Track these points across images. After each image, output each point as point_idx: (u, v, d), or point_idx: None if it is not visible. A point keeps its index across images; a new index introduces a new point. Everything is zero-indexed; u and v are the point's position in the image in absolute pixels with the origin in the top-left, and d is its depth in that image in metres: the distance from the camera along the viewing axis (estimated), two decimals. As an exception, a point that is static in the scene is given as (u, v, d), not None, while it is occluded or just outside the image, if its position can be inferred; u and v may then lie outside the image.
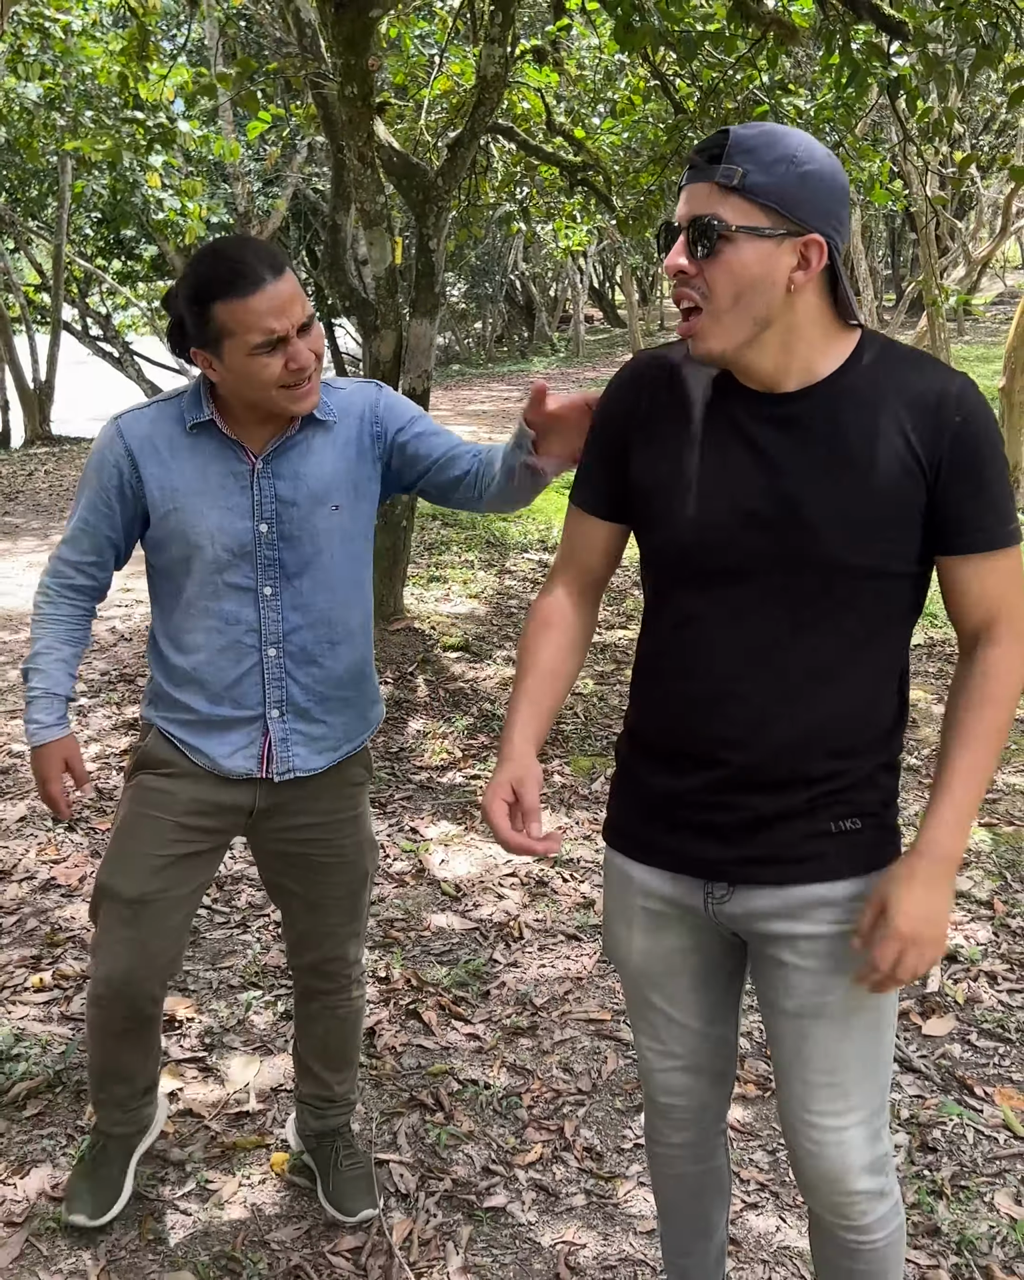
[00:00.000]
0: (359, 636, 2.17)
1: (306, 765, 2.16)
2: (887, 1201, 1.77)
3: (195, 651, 2.09)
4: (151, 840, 2.14)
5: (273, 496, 2.05)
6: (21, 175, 18.90)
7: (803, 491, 1.57)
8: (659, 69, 6.40)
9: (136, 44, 7.00)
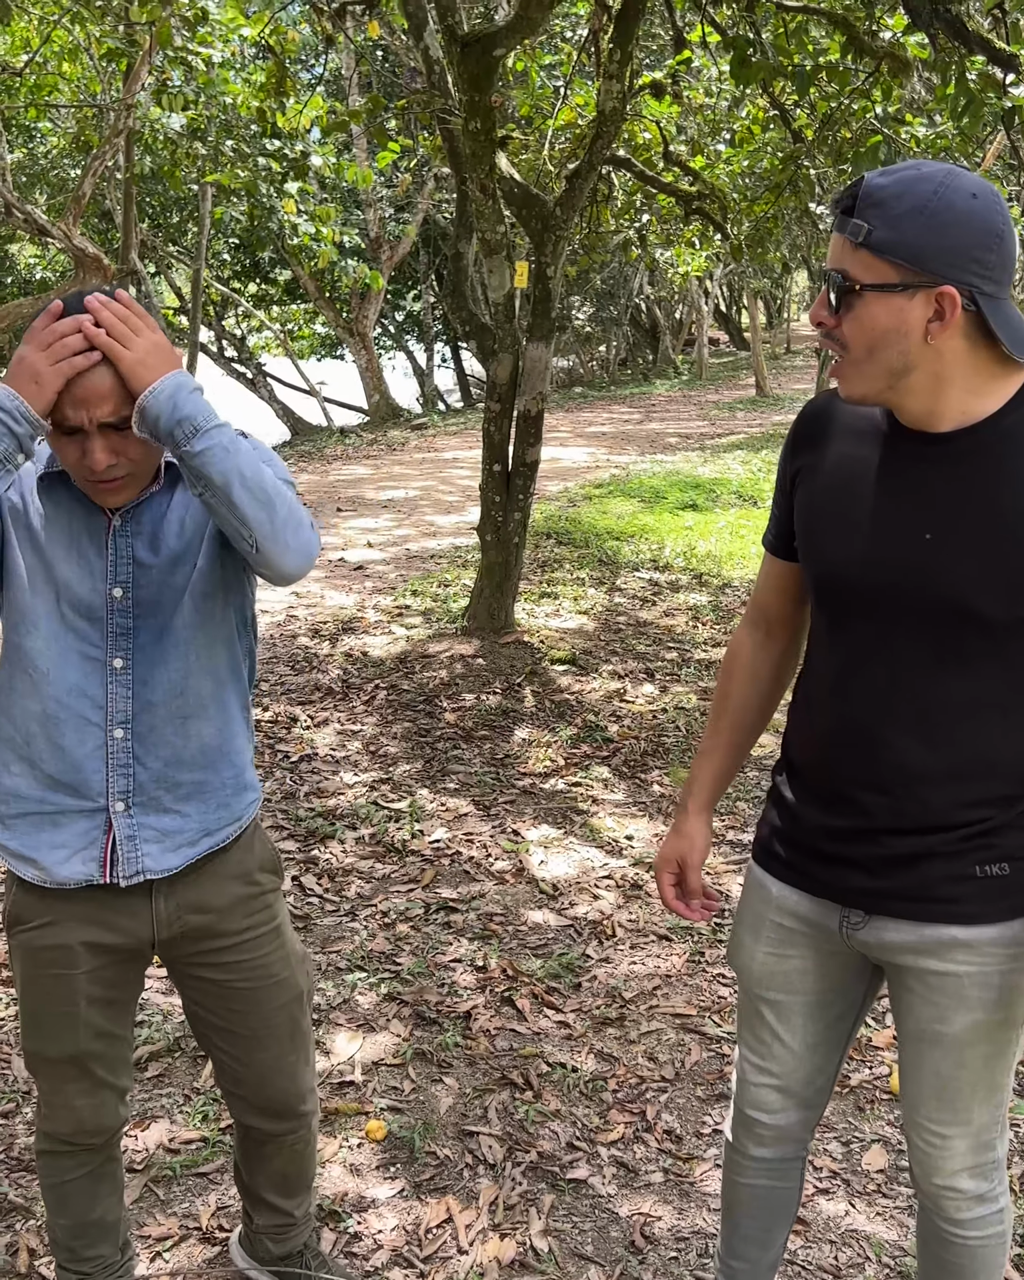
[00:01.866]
0: (213, 709, 1.87)
1: (159, 865, 1.86)
2: (987, 1205, 1.83)
3: (27, 722, 1.81)
4: (64, 998, 1.91)
5: (130, 559, 1.80)
6: (163, 202, 19.67)
7: (946, 534, 1.57)
8: (777, 99, 6.55)
9: (275, 80, 7.34)
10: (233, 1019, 2.01)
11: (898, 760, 1.64)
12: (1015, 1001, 1.69)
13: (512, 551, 6.19)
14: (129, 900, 1.89)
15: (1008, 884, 1.66)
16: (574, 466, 13.39)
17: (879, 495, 1.63)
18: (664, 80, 6.28)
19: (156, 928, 1.91)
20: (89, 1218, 2.09)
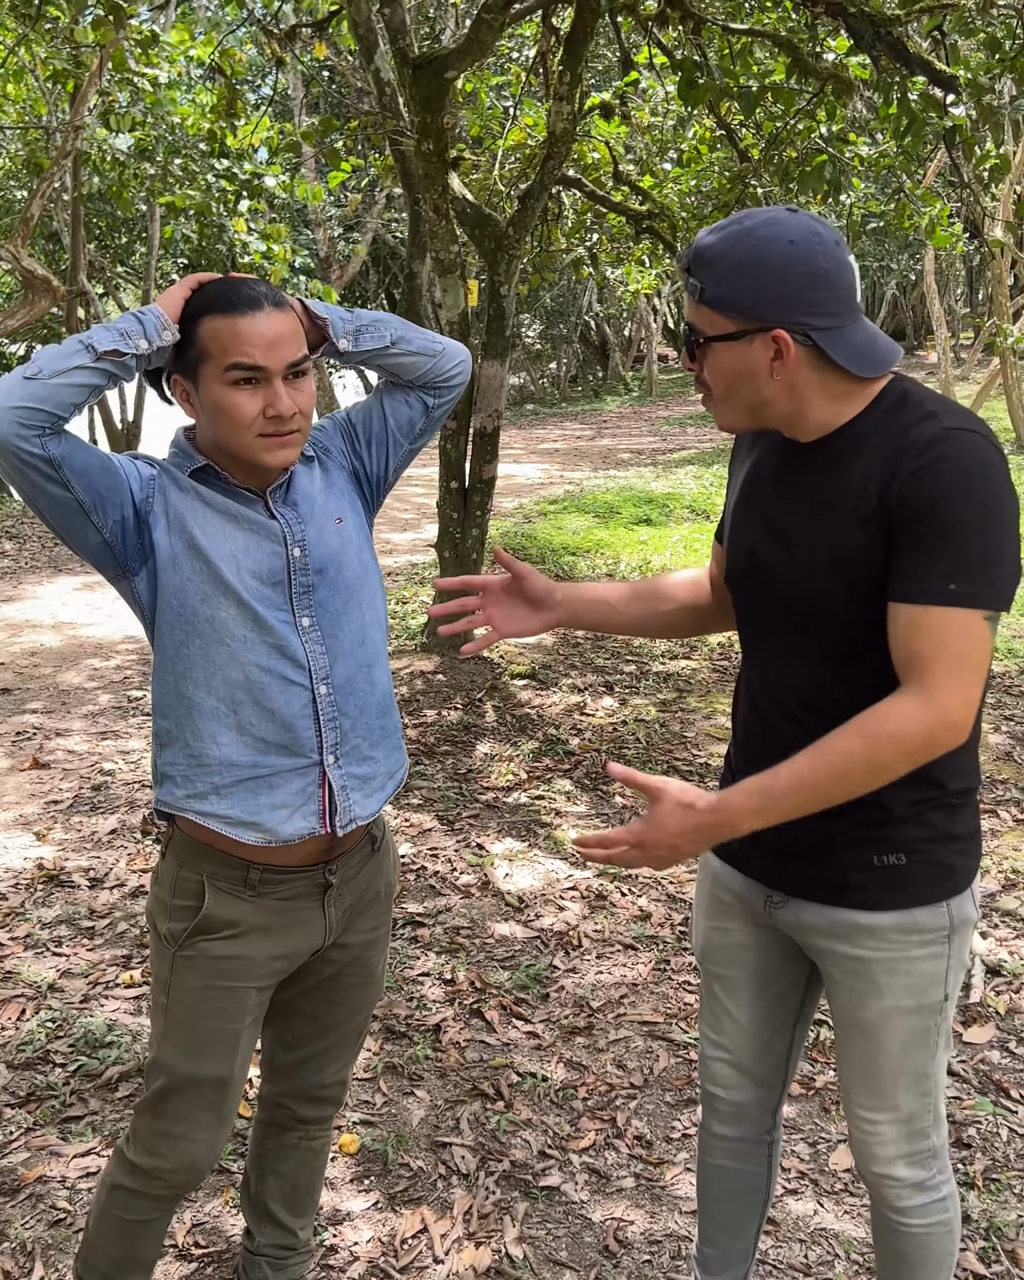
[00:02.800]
0: (383, 655, 1.99)
1: (365, 811, 1.93)
2: (928, 1194, 1.89)
3: (231, 691, 1.82)
4: (233, 1013, 1.91)
5: (299, 521, 1.87)
6: (111, 223, 19.62)
7: (795, 529, 1.72)
8: (724, 120, 6.65)
9: (225, 101, 7.37)
10: (323, 1009, 2.07)
11: (790, 749, 1.65)
12: (926, 990, 1.77)
13: (469, 568, 6.23)
14: (307, 909, 1.93)
15: (905, 874, 1.74)
16: (528, 483, 13.46)
17: (768, 499, 1.79)
18: (612, 101, 6.37)
19: (327, 933, 1.97)
20: (140, 1253, 2.09)
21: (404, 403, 1.99)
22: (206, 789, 1.84)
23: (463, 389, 2.04)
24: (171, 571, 1.80)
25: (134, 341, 1.71)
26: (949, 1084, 3.04)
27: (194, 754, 1.84)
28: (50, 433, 1.66)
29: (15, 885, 4.06)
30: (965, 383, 20.26)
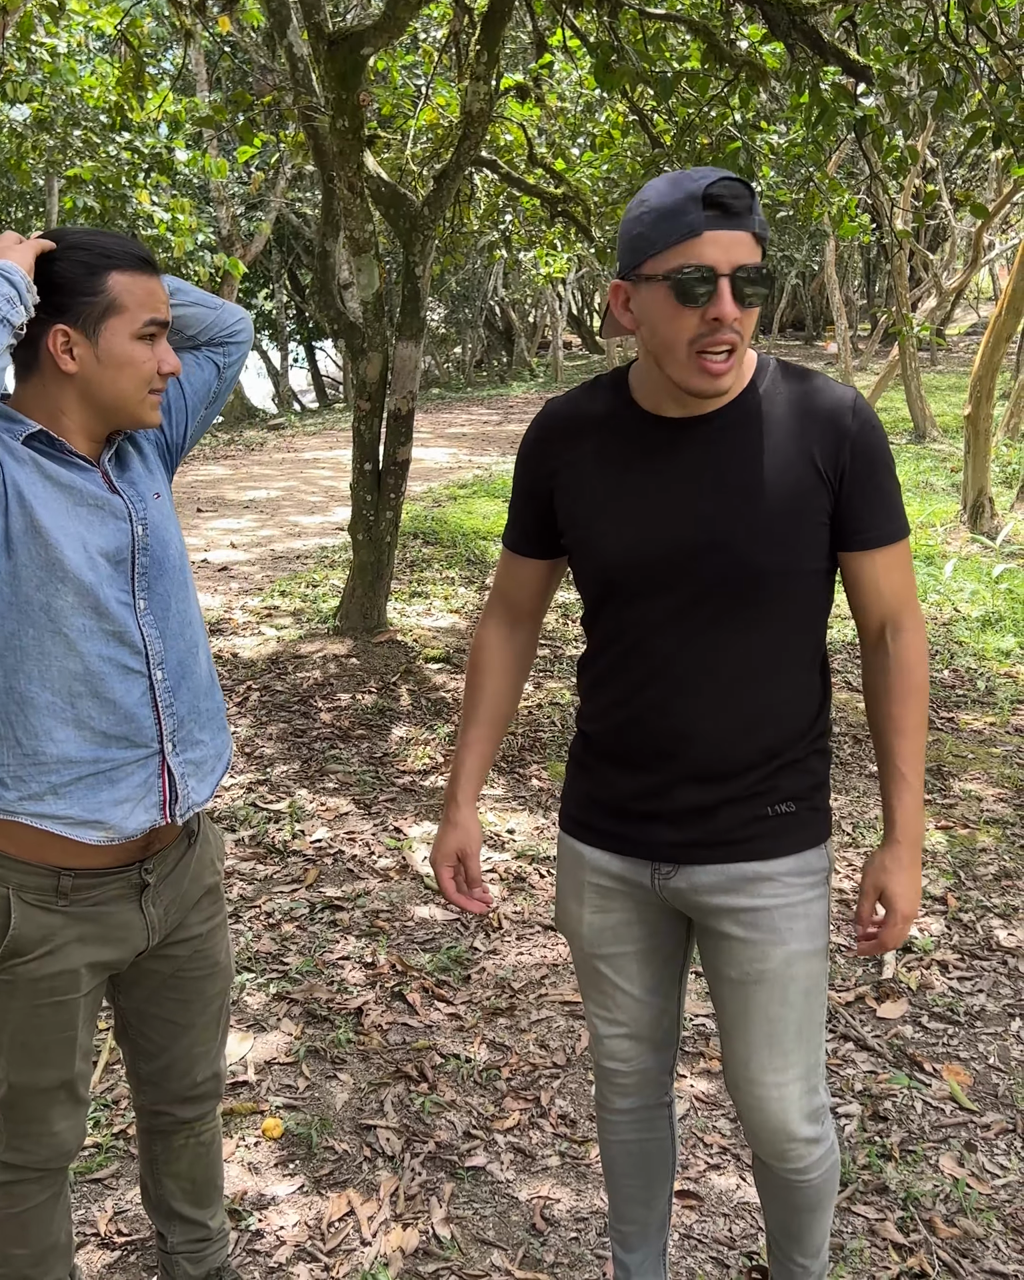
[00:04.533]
0: (202, 634, 1.93)
1: (200, 797, 1.88)
2: (822, 1146, 1.97)
3: (68, 683, 1.73)
4: (65, 1024, 1.85)
5: (137, 495, 1.83)
6: (7, 196, 19.12)
7: (718, 506, 1.72)
8: (637, 105, 6.67)
9: (132, 74, 7.22)
10: (173, 1008, 2.01)
11: (696, 718, 1.78)
12: (819, 932, 1.86)
13: (383, 551, 6.19)
14: (124, 912, 1.86)
15: (796, 820, 1.84)
16: (437, 467, 13.41)
17: (650, 480, 1.76)
18: (527, 83, 6.35)
19: (149, 934, 1.90)
20: (48, 1242, 2.02)
21: (197, 365, 2.00)
22: (42, 789, 1.74)
23: (248, 349, 2.06)
24: (3, 556, 1.68)
25: (19, 309, 1.65)
26: (865, 1058, 3.10)
27: (27, 753, 1.73)
28: None
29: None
30: (864, 373, 20.60)
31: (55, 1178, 1.99)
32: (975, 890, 3.95)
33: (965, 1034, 3.21)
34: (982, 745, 5.17)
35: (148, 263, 1.75)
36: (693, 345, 1.63)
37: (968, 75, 5.34)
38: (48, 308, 1.71)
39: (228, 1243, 2.27)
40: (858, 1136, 2.80)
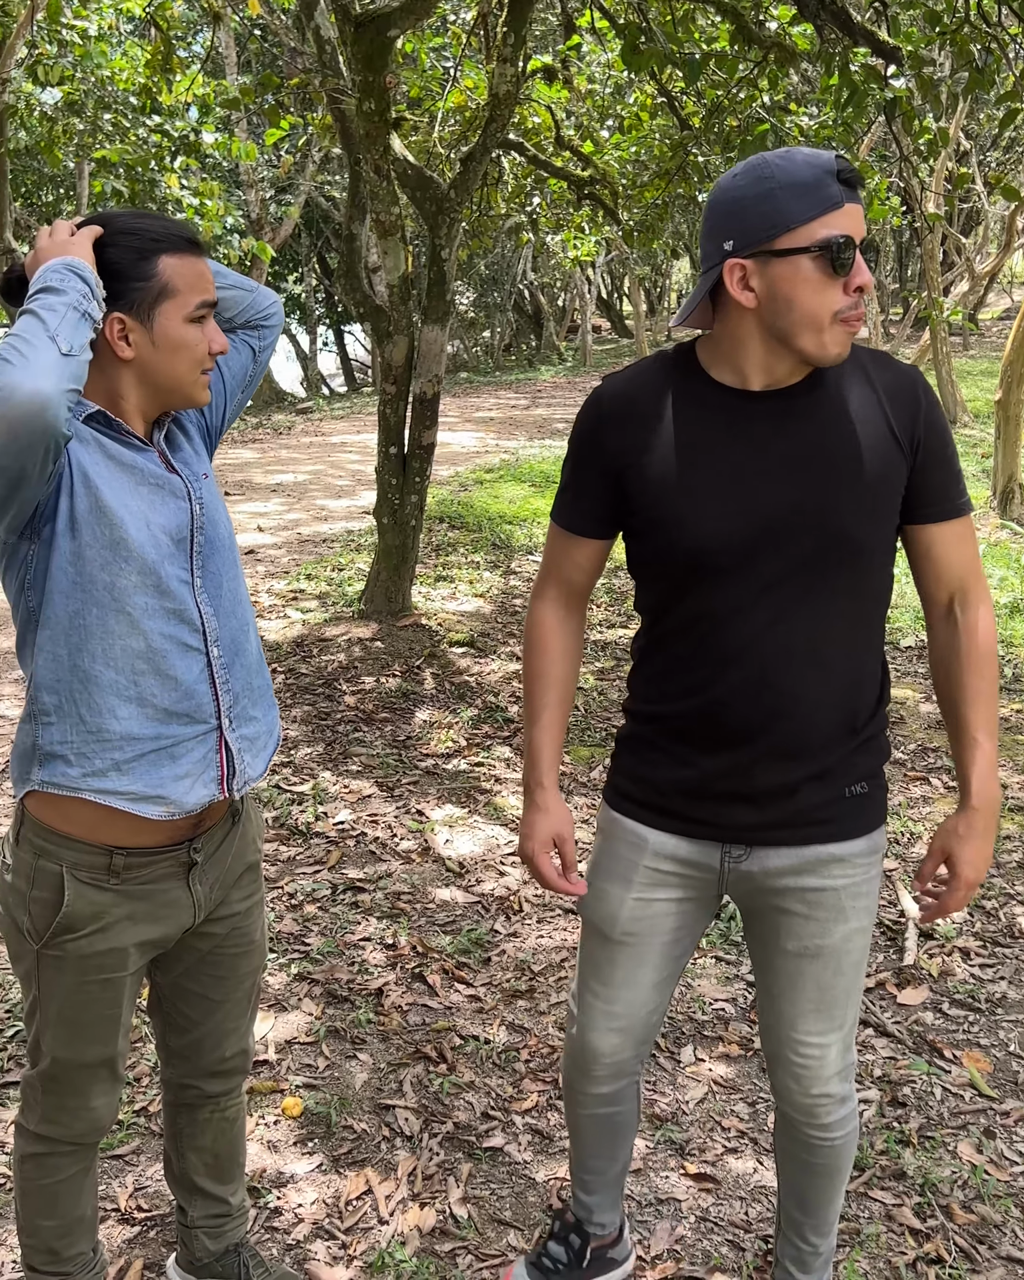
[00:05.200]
0: (251, 612, 1.95)
1: (254, 772, 1.92)
2: (847, 1105, 2.02)
3: (131, 661, 1.76)
4: (111, 1002, 1.89)
5: (192, 475, 1.86)
6: (37, 180, 19.17)
7: (813, 477, 1.72)
8: (666, 87, 6.62)
9: (161, 56, 7.22)
10: (209, 984, 2.04)
11: (779, 700, 1.78)
12: (874, 906, 1.92)
13: (408, 535, 6.20)
14: (172, 890, 1.89)
15: (869, 801, 1.87)
16: (463, 451, 13.40)
17: (737, 454, 1.75)
18: (555, 65, 6.32)
19: (196, 912, 1.93)
20: (75, 1214, 2.06)
21: (234, 349, 2.01)
22: (106, 766, 1.76)
23: (279, 332, 2.07)
24: (69, 536, 1.70)
25: (94, 304, 1.66)
26: (885, 1044, 3.10)
27: (91, 730, 1.75)
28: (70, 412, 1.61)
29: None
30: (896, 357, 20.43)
31: (87, 1152, 2.03)
32: (998, 878, 3.93)
33: (986, 1021, 3.20)
34: (1008, 732, 5.14)
35: (195, 244, 1.77)
36: (836, 316, 1.67)
37: (1000, 56, 5.29)
38: (120, 289, 1.73)
39: (247, 1219, 2.29)
40: (876, 1122, 2.80)
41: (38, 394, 1.52)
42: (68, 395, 1.55)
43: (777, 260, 1.65)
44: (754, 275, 1.67)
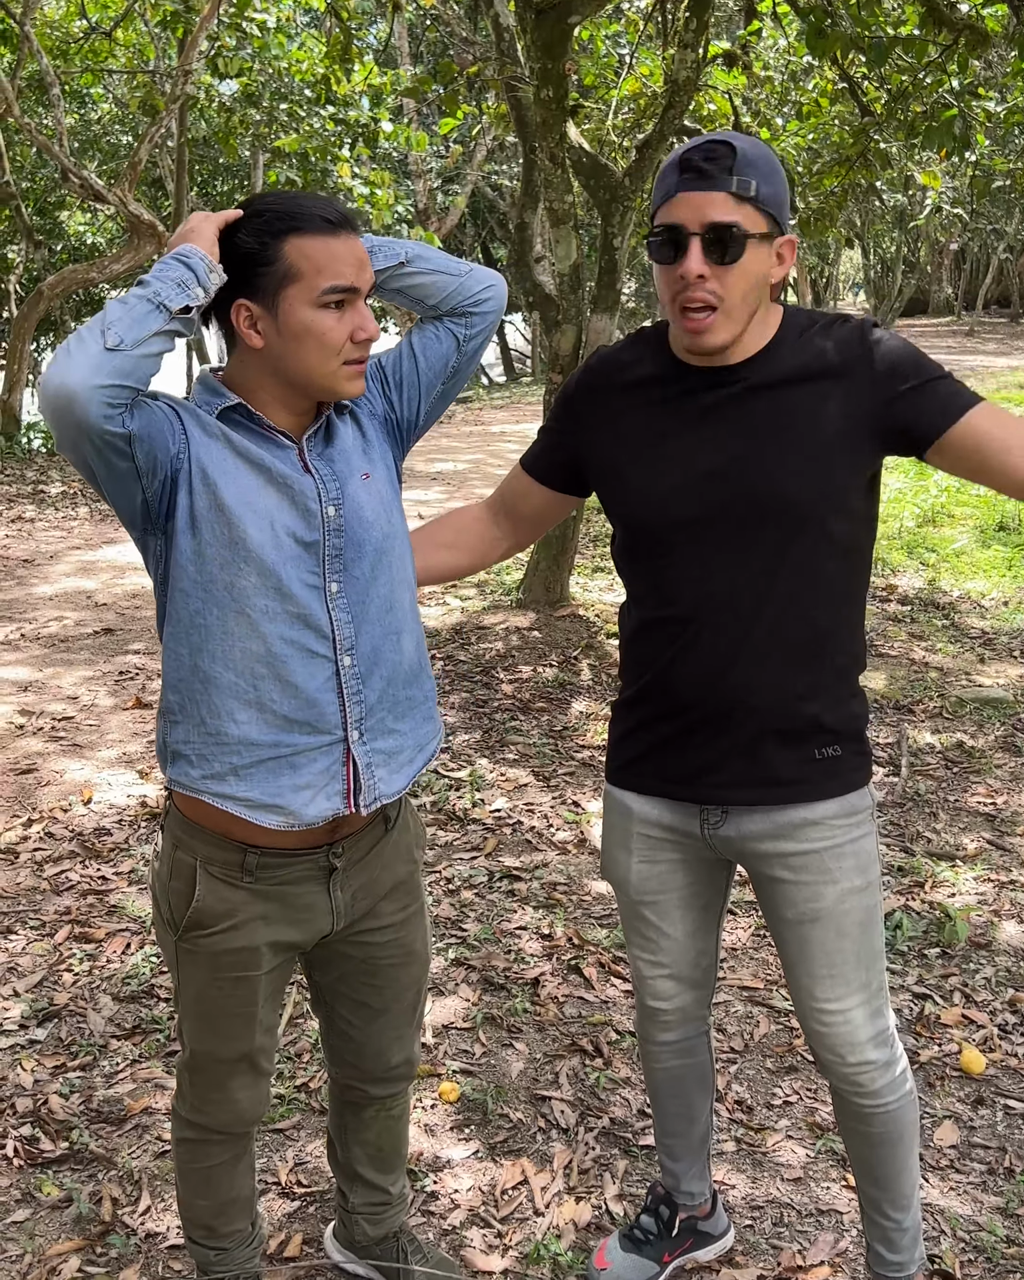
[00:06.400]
0: (412, 620, 1.85)
1: (390, 788, 1.81)
2: (892, 1070, 2.02)
3: (250, 664, 1.69)
4: (244, 999, 1.86)
5: (332, 475, 1.74)
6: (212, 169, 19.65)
7: (757, 446, 1.78)
8: (847, 72, 6.47)
9: (340, 46, 7.31)
10: (368, 993, 1.99)
11: (748, 659, 1.83)
12: (869, 867, 1.93)
13: (568, 525, 6.19)
14: (309, 894, 1.84)
15: (840, 764, 1.91)
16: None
17: (691, 429, 1.83)
18: (735, 50, 6.22)
19: (336, 918, 1.88)
20: (230, 1195, 2.08)
21: (435, 337, 1.85)
22: (224, 769, 1.72)
23: (496, 318, 1.89)
24: (190, 534, 1.66)
25: (193, 291, 1.58)
26: None
27: (210, 732, 1.72)
28: (130, 408, 1.55)
29: (119, 821, 4.12)
30: None
31: (238, 1141, 2.04)
32: None
33: None
34: None
35: (333, 222, 1.63)
36: (676, 302, 1.74)
37: None
38: (232, 281, 1.64)
39: (407, 1206, 2.29)
40: None
41: (63, 389, 1.48)
42: (103, 391, 1.49)
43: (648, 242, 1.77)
44: None
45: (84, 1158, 2.60)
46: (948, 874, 3.82)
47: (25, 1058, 2.90)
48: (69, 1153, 2.61)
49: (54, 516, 9.15)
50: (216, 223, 1.65)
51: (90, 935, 3.43)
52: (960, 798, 4.40)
